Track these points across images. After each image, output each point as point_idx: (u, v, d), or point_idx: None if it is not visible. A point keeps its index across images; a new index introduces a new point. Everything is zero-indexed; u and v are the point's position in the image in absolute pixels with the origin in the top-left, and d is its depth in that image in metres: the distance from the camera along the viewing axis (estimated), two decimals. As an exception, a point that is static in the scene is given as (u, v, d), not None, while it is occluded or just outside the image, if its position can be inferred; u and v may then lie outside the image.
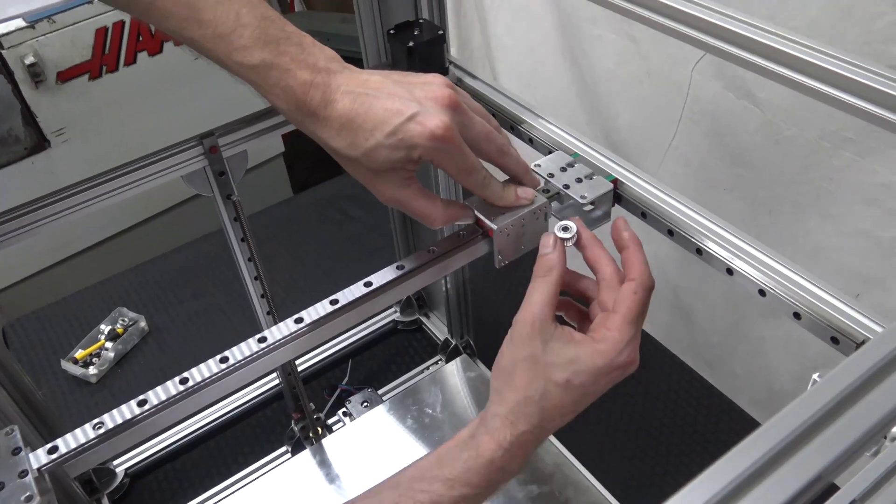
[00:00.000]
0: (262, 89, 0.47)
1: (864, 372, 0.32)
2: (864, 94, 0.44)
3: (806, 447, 0.30)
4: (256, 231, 0.79)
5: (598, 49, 1.19)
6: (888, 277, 0.93)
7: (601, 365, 0.47)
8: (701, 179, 1.13)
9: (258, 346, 0.49)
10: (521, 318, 0.48)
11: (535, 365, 0.46)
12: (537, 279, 0.49)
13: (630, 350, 0.48)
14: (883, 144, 0.87)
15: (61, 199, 0.65)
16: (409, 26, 0.73)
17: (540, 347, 0.46)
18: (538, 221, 0.55)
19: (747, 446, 0.29)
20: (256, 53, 0.45)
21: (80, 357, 1.20)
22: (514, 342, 0.48)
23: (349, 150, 0.47)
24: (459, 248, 0.55)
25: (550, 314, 0.48)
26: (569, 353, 0.47)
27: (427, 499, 0.45)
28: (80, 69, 1.56)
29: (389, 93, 0.46)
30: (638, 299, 0.49)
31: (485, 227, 0.54)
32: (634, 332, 0.48)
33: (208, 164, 0.70)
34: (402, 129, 0.46)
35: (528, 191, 0.54)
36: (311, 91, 0.46)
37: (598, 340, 0.47)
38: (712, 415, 1.03)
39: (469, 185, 0.51)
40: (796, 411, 0.30)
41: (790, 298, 0.49)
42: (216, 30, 0.45)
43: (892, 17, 0.79)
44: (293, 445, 1.05)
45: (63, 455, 0.45)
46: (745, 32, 0.49)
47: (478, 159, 0.50)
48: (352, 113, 0.46)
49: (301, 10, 2.33)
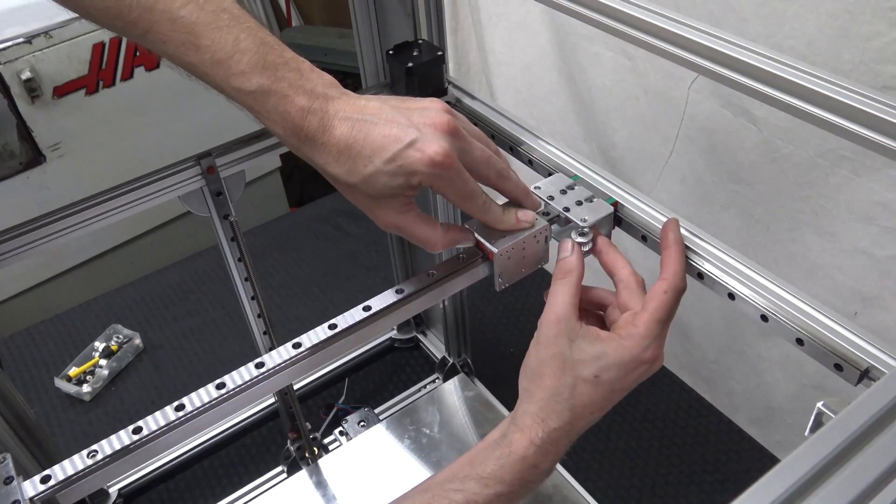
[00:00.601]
0: (260, 115, 0.47)
1: (881, 407, 0.31)
2: (856, 118, 0.44)
3: (825, 486, 0.29)
4: (252, 248, 0.79)
5: (594, 66, 1.19)
6: (885, 296, 0.93)
7: (627, 360, 0.48)
8: (698, 196, 1.13)
9: (256, 372, 0.49)
10: (545, 321, 0.49)
11: (562, 363, 0.48)
12: (557, 282, 0.51)
13: (655, 346, 0.49)
14: (879, 163, 0.87)
15: (57, 219, 0.64)
16: (409, 47, 0.73)
17: (567, 346, 0.48)
18: (539, 244, 0.55)
19: (763, 486, 0.29)
20: (254, 79, 0.45)
21: (73, 375, 1.19)
22: (541, 343, 0.49)
23: (348, 177, 0.47)
24: (459, 272, 0.54)
25: (574, 313, 0.49)
26: (595, 349, 0.48)
27: (461, 498, 0.45)
28: (76, 84, 1.55)
29: (387, 119, 0.46)
30: (667, 299, 0.50)
31: (485, 250, 0.54)
32: (660, 330, 0.50)
33: (205, 184, 0.70)
34: (402, 156, 0.46)
35: (529, 214, 0.55)
36: (308, 117, 0.46)
37: (623, 337, 0.49)
38: (711, 434, 1.03)
39: (469, 210, 0.51)
40: (813, 448, 0.30)
41: (793, 324, 0.48)
42: (214, 55, 0.45)
43: (888, 37, 0.79)
44: (289, 466, 1.04)
45: (56, 484, 0.44)
46: (737, 55, 0.49)
47: (477, 184, 0.50)
48: (350, 139, 0.46)
49: (298, 24, 2.34)
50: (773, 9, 0.89)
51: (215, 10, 0.45)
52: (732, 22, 0.93)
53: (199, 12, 0.45)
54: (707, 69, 0.52)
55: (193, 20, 0.45)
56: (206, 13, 0.45)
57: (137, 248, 1.77)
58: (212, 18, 0.45)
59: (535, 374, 0.48)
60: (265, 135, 0.72)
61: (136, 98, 1.64)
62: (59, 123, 1.56)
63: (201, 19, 0.45)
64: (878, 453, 0.30)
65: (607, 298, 0.54)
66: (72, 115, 1.57)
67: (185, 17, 0.45)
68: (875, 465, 0.29)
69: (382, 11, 0.79)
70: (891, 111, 0.44)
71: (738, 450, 1.00)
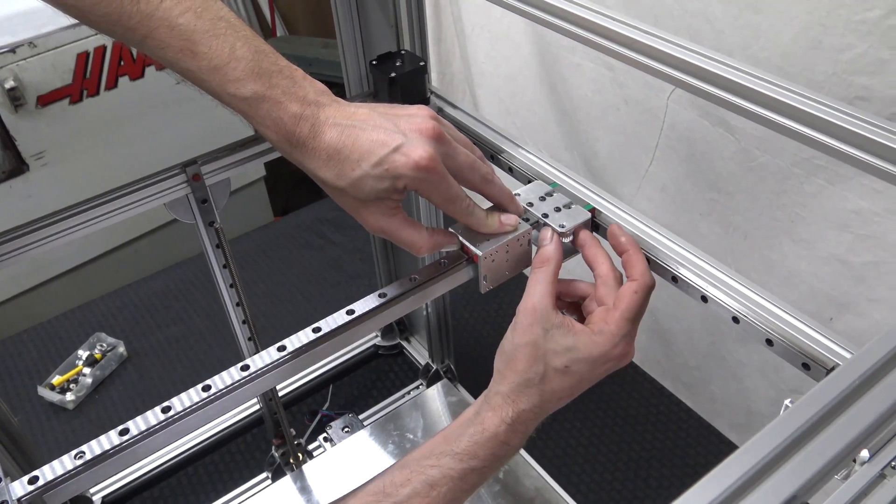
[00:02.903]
0: (254, 120, 0.49)
1: (833, 397, 0.33)
2: (826, 130, 0.46)
3: (779, 470, 0.31)
4: (237, 255, 0.80)
5: (576, 76, 1.21)
6: (860, 301, 0.95)
7: (597, 355, 0.50)
8: (678, 204, 1.15)
9: (241, 375, 0.50)
10: (522, 308, 0.51)
11: (535, 350, 0.49)
12: (536, 270, 0.53)
13: (625, 343, 0.51)
14: (852, 172, 0.89)
15: (42, 227, 0.65)
16: (392, 57, 0.74)
17: (541, 335, 0.50)
18: (522, 247, 0.57)
19: (722, 471, 0.30)
20: (249, 86, 0.47)
21: (57, 383, 1.18)
22: (517, 329, 0.51)
23: (336, 181, 0.48)
24: (442, 276, 0.56)
25: (551, 303, 0.51)
26: (568, 341, 0.50)
27: (437, 473, 0.47)
28: (60, 93, 1.55)
29: (375, 125, 0.48)
30: (638, 298, 0.52)
31: (470, 253, 0.55)
32: (630, 328, 0.51)
33: (191, 191, 0.71)
34: (388, 160, 0.47)
35: (512, 217, 0.56)
36: (300, 123, 0.48)
37: (596, 332, 0.50)
38: (691, 438, 1.04)
39: (453, 214, 0.53)
40: (769, 436, 0.31)
41: (762, 325, 0.50)
42: (211, 62, 0.47)
43: (859, 49, 0.82)
44: (273, 472, 1.04)
45: (43, 485, 0.44)
46: (712, 69, 0.50)
47: (461, 188, 0.52)
48: (339, 144, 0.48)
49: (283, 34, 2.35)
50: (748, 21, 0.91)
51: (213, 19, 0.47)
52: (710, 34, 0.95)
53: (196, 20, 0.46)
54: (683, 82, 0.54)
55: (191, 28, 0.46)
56: (203, 21, 0.46)
57: (122, 256, 1.77)
58: (209, 26, 0.46)
59: (510, 357, 0.50)
60: (250, 143, 0.73)
61: (120, 107, 1.64)
62: (43, 132, 1.56)
63: (199, 27, 0.46)
64: (829, 440, 0.32)
65: (587, 290, 0.56)
66: (56, 124, 1.56)
67: (183, 25, 0.46)
68: (828, 450, 0.31)
69: (366, 22, 0.81)
70: (858, 123, 0.45)
71: (718, 454, 1.02)
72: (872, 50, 0.81)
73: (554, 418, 1.05)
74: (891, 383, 0.35)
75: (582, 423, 1.06)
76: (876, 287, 0.93)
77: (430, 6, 1.49)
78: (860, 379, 0.35)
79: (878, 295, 0.93)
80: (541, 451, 1.02)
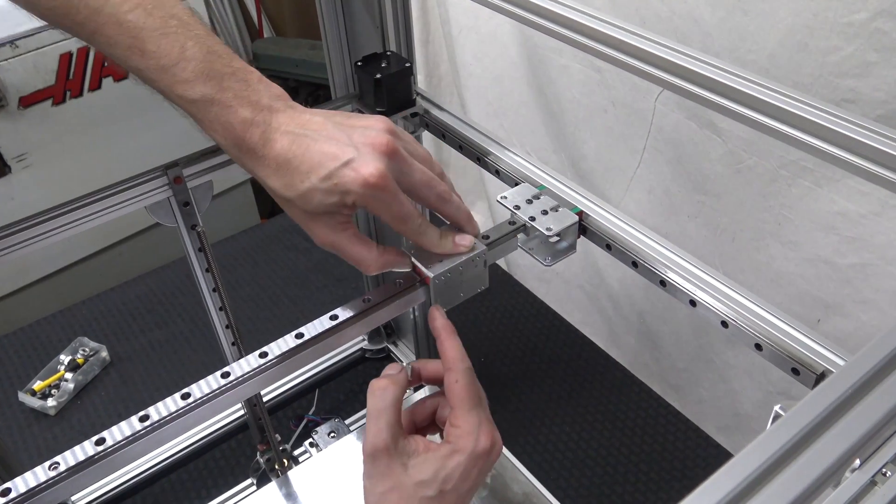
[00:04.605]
0: (203, 124, 0.47)
1: (827, 406, 0.33)
2: (814, 131, 0.46)
3: (771, 483, 0.30)
4: (221, 259, 0.79)
5: (564, 78, 1.21)
6: (847, 303, 0.95)
7: (465, 461, 0.46)
8: (665, 207, 1.14)
9: (222, 382, 0.48)
10: (370, 451, 0.46)
11: (402, 491, 0.45)
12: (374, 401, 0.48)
13: (484, 433, 0.47)
14: (839, 174, 0.89)
15: (19, 230, 0.63)
16: (377, 58, 0.73)
17: (402, 473, 0.46)
18: (477, 268, 0.55)
19: (711, 485, 0.29)
20: (198, 88, 0.45)
21: (38, 388, 1.16)
22: (374, 478, 0.46)
23: (285, 191, 0.47)
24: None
25: (400, 432, 0.47)
26: (432, 465, 0.46)
27: None
28: (43, 94, 1.54)
29: (328, 136, 0.46)
30: (462, 386, 0.49)
31: (422, 275, 0.53)
32: (479, 417, 0.48)
33: (172, 194, 0.69)
34: (337, 175, 0.45)
35: (467, 238, 0.54)
36: (250, 129, 0.46)
37: (452, 441, 0.47)
38: (679, 441, 1.04)
39: (404, 233, 0.51)
40: (760, 448, 0.31)
41: (751, 330, 0.49)
42: (159, 61, 0.45)
43: (845, 51, 0.82)
44: (259, 478, 1.03)
45: (16, 497, 0.43)
46: (699, 70, 0.50)
47: (414, 207, 0.50)
48: (289, 154, 0.46)
49: (270, 36, 2.34)
50: (735, 24, 0.91)
51: (164, 17, 0.45)
52: (697, 36, 0.95)
53: (146, 17, 0.45)
54: (671, 83, 0.53)
55: (140, 25, 0.44)
56: (153, 19, 0.45)
57: (104, 260, 1.75)
58: (159, 24, 0.45)
59: None
60: (233, 145, 0.71)
61: (104, 109, 1.62)
62: (25, 134, 1.54)
63: (148, 24, 0.45)
64: (824, 449, 0.31)
65: (435, 404, 0.53)
66: (38, 125, 1.55)
67: (131, 22, 0.44)
68: (822, 459, 0.30)
69: (351, 23, 0.80)
70: (846, 125, 0.45)
71: (706, 457, 1.01)
72: (859, 52, 0.81)
73: (542, 422, 1.05)
74: (885, 391, 0.34)
75: (570, 426, 1.06)
76: (862, 289, 0.93)
77: (416, 8, 1.48)
78: (854, 386, 0.34)
79: (865, 297, 0.93)
80: (529, 456, 1.02)
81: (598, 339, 1.22)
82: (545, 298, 1.28)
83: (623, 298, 1.29)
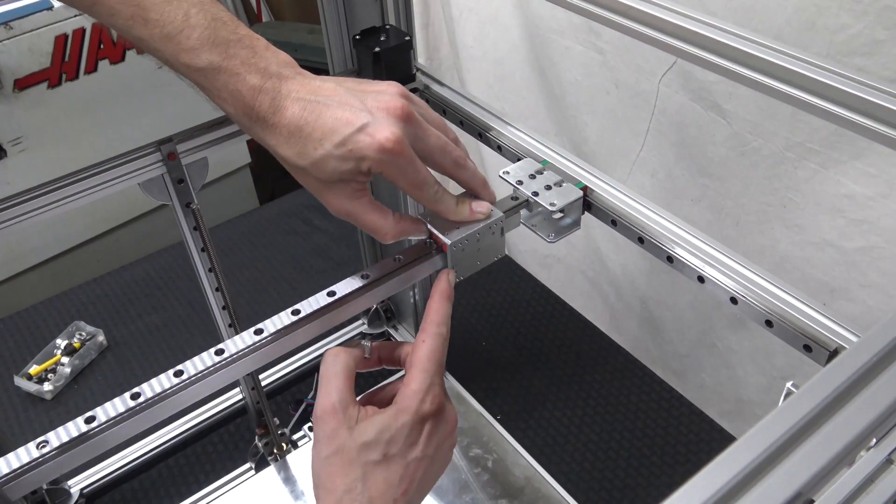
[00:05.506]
0: (210, 93, 0.46)
1: (841, 383, 0.31)
2: (833, 97, 0.44)
3: (783, 463, 0.29)
4: (220, 242, 0.77)
5: (565, 60, 1.19)
6: (853, 287, 0.94)
7: (409, 422, 0.44)
8: (668, 190, 1.13)
9: (215, 359, 0.47)
10: (318, 414, 0.45)
11: (345, 456, 0.43)
12: (328, 365, 0.47)
13: (432, 397, 0.45)
14: (846, 156, 0.88)
15: (10, 206, 0.62)
16: (376, 32, 0.72)
17: (347, 436, 0.44)
18: (494, 236, 0.54)
19: (724, 461, 0.28)
20: (204, 56, 0.44)
21: (34, 373, 1.15)
22: (320, 442, 0.44)
23: (298, 160, 0.45)
24: (426, 258, 0.53)
25: (350, 399, 0.45)
26: (376, 426, 0.44)
27: None
28: (38, 77, 1.52)
29: (340, 101, 0.45)
30: (426, 347, 0.47)
31: (439, 241, 0.52)
32: (431, 381, 0.46)
33: (167, 171, 0.68)
34: (352, 140, 0.44)
35: (484, 205, 0.53)
36: (260, 96, 0.44)
37: (399, 401, 0.45)
38: (682, 426, 1.03)
39: (421, 200, 0.49)
40: (774, 424, 0.29)
41: (762, 306, 0.48)
42: (163, 30, 0.44)
43: (854, 29, 0.80)
44: (257, 462, 1.02)
45: (4, 476, 0.42)
46: (715, 37, 0.48)
47: (430, 173, 0.49)
48: (301, 121, 0.44)
49: (269, 20, 2.31)
50: (742, 3, 0.89)
51: None
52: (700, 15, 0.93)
53: None
54: (684, 51, 0.52)
55: None
56: None
57: (101, 244, 1.74)
58: None
59: (324, 476, 0.44)
60: (228, 121, 0.70)
61: (100, 92, 1.60)
62: (21, 117, 1.52)
63: None
64: (839, 428, 0.30)
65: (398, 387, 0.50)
66: (34, 108, 1.53)
67: None
68: (838, 437, 0.29)
69: (350, -3, 0.78)
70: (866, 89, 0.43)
71: (710, 440, 1.01)
72: (868, 30, 0.79)
73: (544, 406, 1.04)
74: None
75: (572, 410, 1.05)
76: (869, 272, 0.92)
77: (417, -12, 1.46)
78: (869, 363, 0.33)
79: (871, 280, 0.92)
80: (531, 440, 1.01)
81: (601, 324, 1.20)
82: (547, 283, 1.27)
83: (625, 284, 1.28)
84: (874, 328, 0.35)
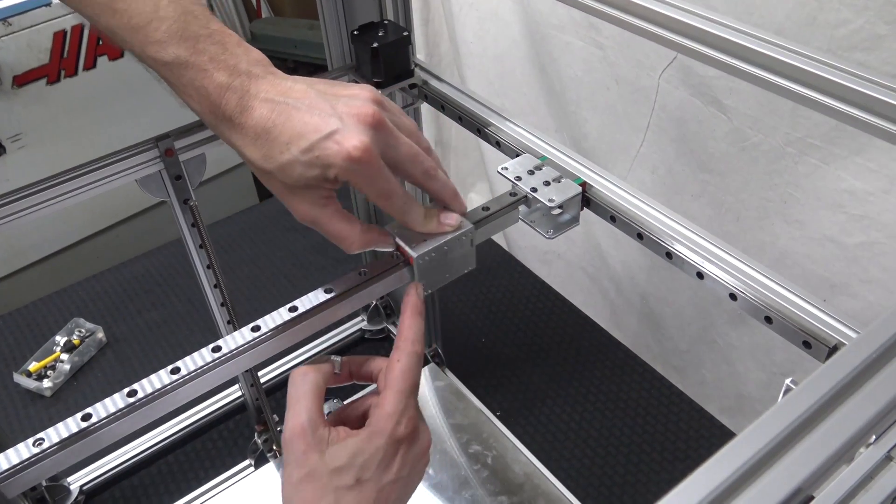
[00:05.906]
0: (177, 88, 0.44)
1: (841, 378, 0.31)
2: (834, 92, 0.44)
3: (783, 459, 0.29)
4: (219, 239, 0.77)
5: (566, 56, 1.19)
6: (853, 283, 0.94)
7: (383, 445, 0.43)
8: (669, 186, 1.13)
9: (212, 356, 0.47)
10: (287, 437, 0.43)
11: (316, 481, 0.42)
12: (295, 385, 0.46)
13: (407, 420, 0.44)
14: (846, 151, 0.87)
15: (9, 202, 0.62)
16: (374, 27, 0.71)
17: (318, 460, 0.42)
18: (463, 248, 0.52)
19: (724, 457, 0.28)
20: (171, 49, 0.43)
21: (34, 370, 1.15)
22: (290, 465, 0.43)
23: (263, 162, 0.44)
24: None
25: (319, 420, 0.44)
26: (349, 450, 0.43)
27: None
28: (37, 73, 1.52)
29: (310, 105, 0.43)
30: (401, 367, 0.46)
31: (405, 254, 0.51)
32: (406, 403, 0.45)
33: (164, 167, 0.68)
34: (319, 147, 0.43)
35: (453, 216, 0.51)
36: (227, 94, 0.43)
37: (371, 424, 0.44)
38: (682, 422, 1.03)
39: (388, 210, 0.48)
40: (773, 420, 0.29)
41: (761, 302, 0.48)
42: (131, 20, 0.43)
43: (854, 24, 0.80)
44: (256, 459, 1.02)
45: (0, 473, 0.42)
46: (716, 32, 0.48)
47: (398, 183, 0.47)
48: (268, 123, 0.43)
49: (268, 16, 2.31)
50: (742, -3, 0.89)
51: None
52: (702, 11, 0.93)
53: None
54: (685, 46, 0.51)
55: None
56: None
57: (101, 241, 1.74)
58: None
59: (296, 502, 0.42)
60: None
61: (99, 88, 1.60)
62: (20, 114, 1.52)
63: None
64: (839, 424, 0.29)
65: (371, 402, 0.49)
66: (32, 105, 1.53)
67: None
68: (838, 434, 0.29)
69: (348, -7, 0.78)
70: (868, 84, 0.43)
71: (710, 437, 1.00)
72: (868, 25, 0.79)
73: (543, 403, 1.04)
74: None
75: (572, 407, 1.05)
76: (869, 268, 0.91)
77: (416, -16, 1.46)
78: (869, 359, 0.33)
79: (872, 276, 0.92)
80: (530, 436, 1.00)
81: (601, 321, 1.20)
82: (547, 279, 1.27)
83: (625, 280, 1.28)
84: (873, 324, 0.35)
